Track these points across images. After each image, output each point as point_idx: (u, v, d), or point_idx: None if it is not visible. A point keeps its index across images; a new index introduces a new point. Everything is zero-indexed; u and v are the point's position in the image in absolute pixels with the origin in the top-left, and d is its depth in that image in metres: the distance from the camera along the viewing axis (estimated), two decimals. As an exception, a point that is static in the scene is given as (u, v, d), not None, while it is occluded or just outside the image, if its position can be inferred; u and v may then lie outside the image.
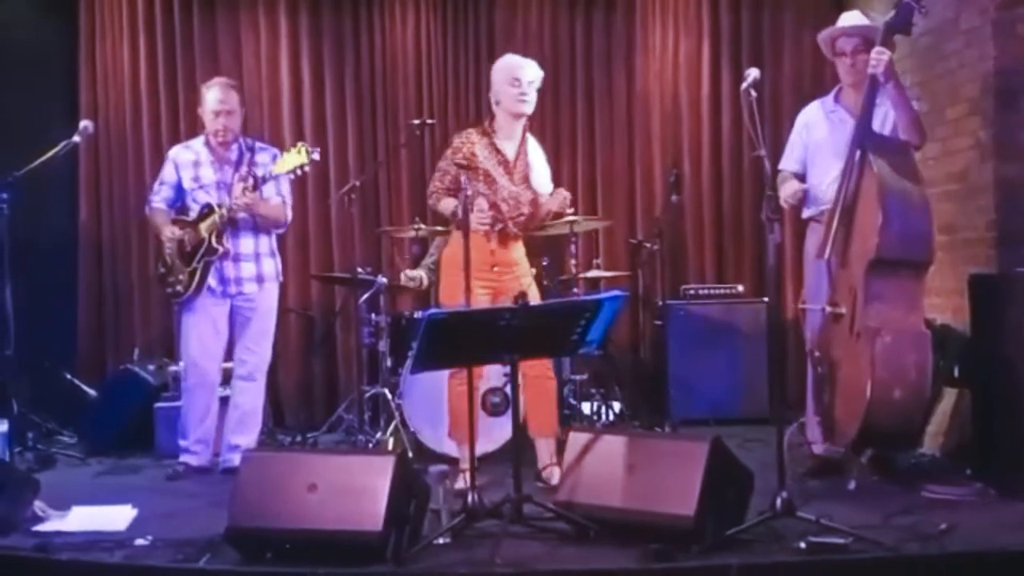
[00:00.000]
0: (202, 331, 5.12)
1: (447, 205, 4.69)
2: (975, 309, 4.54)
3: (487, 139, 4.69)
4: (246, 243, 5.11)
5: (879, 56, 4.26)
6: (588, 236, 6.46)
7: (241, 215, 5.02)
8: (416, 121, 5.82)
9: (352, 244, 6.06)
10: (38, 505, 4.11)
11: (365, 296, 5.81)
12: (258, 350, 5.20)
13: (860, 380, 4.09)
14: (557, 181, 6.76)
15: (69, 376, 6.23)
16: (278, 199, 5.17)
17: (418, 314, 5.73)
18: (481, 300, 4.50)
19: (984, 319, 4.47)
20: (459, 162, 4.60)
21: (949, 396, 4.83)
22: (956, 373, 4.85)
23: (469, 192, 4.45)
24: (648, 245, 6.06)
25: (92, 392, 6.14)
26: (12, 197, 5.19)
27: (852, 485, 4.30)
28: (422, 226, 5.79)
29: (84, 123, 5.42)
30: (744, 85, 3.94)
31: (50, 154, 5.23)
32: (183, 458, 5.13)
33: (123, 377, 5.98)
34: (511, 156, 4.71)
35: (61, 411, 6.10)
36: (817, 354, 4.45)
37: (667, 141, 6.73)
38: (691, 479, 3.48)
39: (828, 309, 4.38)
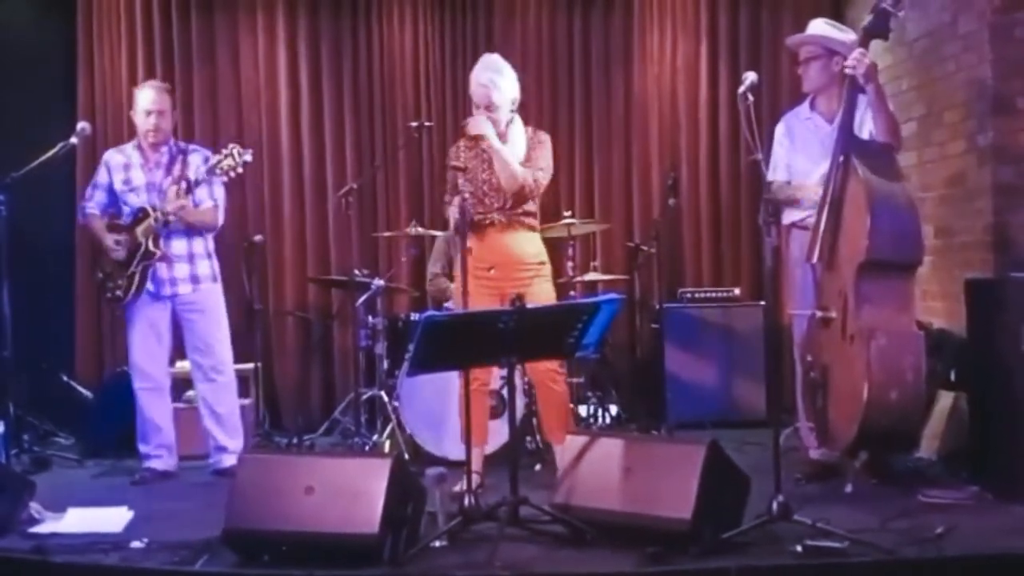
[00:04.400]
0: (144, 335, 5.14)
1: (450, 213, 4.72)
2: (971, 313, 4.55)
3: (472, 141, 4.71)
4: (178, 245, 5.12)
5: (859, 58, 4.26)
6: (585, 239, 6.46)
7: (172, 219, 5.03)
8: (414, 124, 5.80)
9: (349, 247, 6.06)
10: (34, 507, 4.11)
11: (362, 299, 5.81)
12: (208, 350, 5.18)
13: (855, 383, 4.09)
14: (555, 183, 6.80)
15: (66, 378, 6.23)
16: (210, 203, 5.18)
17: (415, 316, 5.73)
18: (485, 302, 4.48)
19: (980, 323, 4.47)
20: (453, 165, 4.67)
21: (945, 400, 4.83)
22: (952, 377, 4.86)
23: (467, 195, 4.47)
24: (645, 248, 6.07)
25: (89, 394, 6.13)
26: (10, 199, 5.19)
27: (849, 489, 4.30)
28: (419, 228, 5.79)
29: (82, 125, 5.42)
30: (741, 89, 3.94)
31: (48, 155, 5.23)
32: (147, 464, 5.14)
33: (120, 379, 5.95)
34: (489, 151, 4.70)
35: (57, 413, 6.10)
36: (809, 358, 4.45)
37: (665, 144, 6.73)
38: (688, 482, 3.48)
39: (818, 314, 4.38)
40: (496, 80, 4.64)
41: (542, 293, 4.66)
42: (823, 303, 4.37)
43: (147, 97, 5.15)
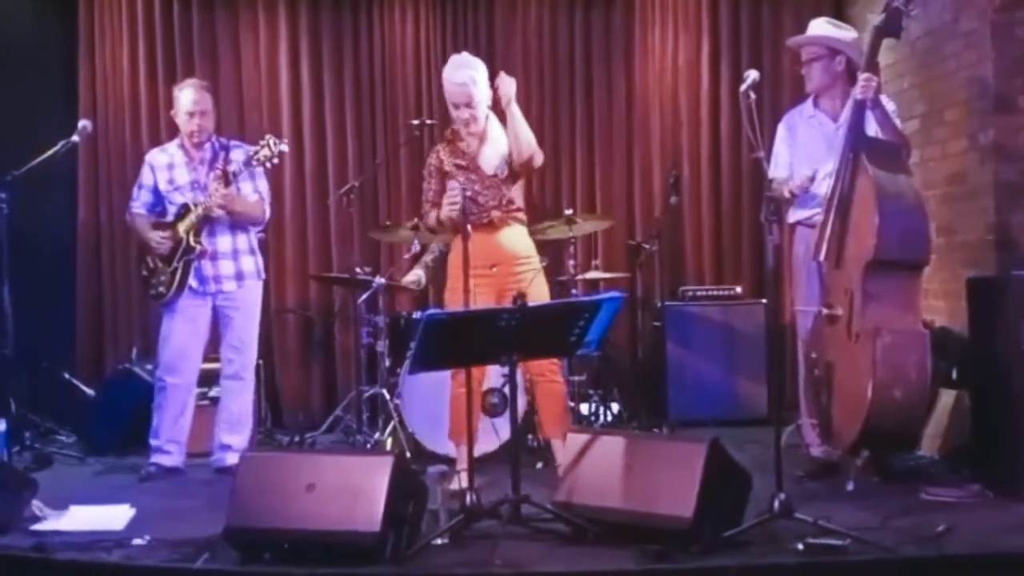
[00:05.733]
0: (182, 332, 5.12)
1: (431, 217, 4.78)
2: (973, 311, 4.55)
3: (451, 145, 4.76)
4: (223, 241, 5.12)
5: (867, 83, 4.26)
6: (587, 237, 6.45)
7: (217, 213, 5.02)
8: (415, 121, 5.82)
9: (351, 245, 6.06)
10: (36, 505, 4.11)
11: (364, 297, 5.81)
12: (243, 348, 5.19)
13: (860, 382, 4.09)
14: (556, 182, 6.81)
15: (67, 375, 6.22)
16: (255, 196, 5.19)
17: (417, 314, 5.73)
18: (484, 301, 4.48)
19: (982, 321, 4.47)
20: (430, 172, 4.76)
21: (947, 398, 4.83)
22: (954, 375, 4.86)
23: (468, 193, 4.46)
24: (647, 246, 6.07)
25: (90, 391, 6.13)
26: (11, 196, 5.20)
27: (850, 486, 4.29)
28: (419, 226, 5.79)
29: (83, 122, 5.43)
30: (743, 87, 3.94)
31: (49, 153, 5.24)
32: (154, 458, 5.12)
33: (121, 377, 5.97)
34: (476, 153, 4.72)
35: (59, 410, 6.09)
36: (813, 356, 4.45)
37: (666, 142, 6.73)
38: (689, 480, 3.48)
39: (824, 311, 4.38)
40: (474, 76, 4.63)
41: (541, 288, 4.69)
42: (829, 300, 4.37)
43: (189, 98, 5.13)
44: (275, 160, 5.06)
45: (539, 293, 4.61)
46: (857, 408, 4.09)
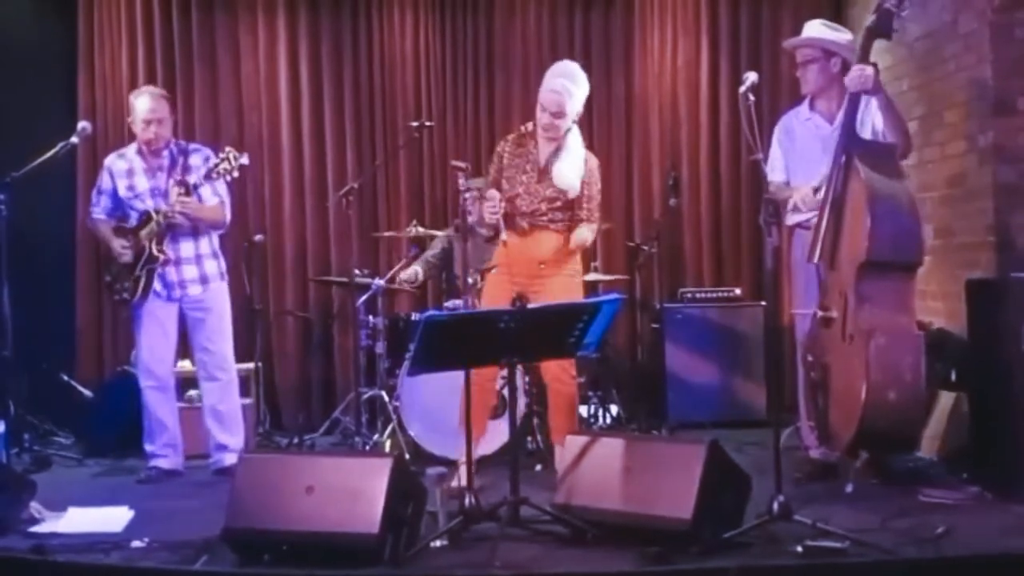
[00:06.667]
0: (151, 335, 5.14)
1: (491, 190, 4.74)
2: (972, 313, 4.55)
3: (521, 140, 4.76)
4: (186, 246, 5.13)
5: (859, 74, 4.26)
6: (586, 239, 6.45)
7: (179, 220, 5.04)
8: (415, 123, 5.82)
9: (350, 247, 6.06)
10: (34, 506, 4.11)
11: (363, 298, 5.81)
12: (214, 349, 5.19)
13: (854, 383, 4.09)
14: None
15: (66, 377, 6.22)
16: (215, 199, 5.19)
17: (416, 316, 5.73)
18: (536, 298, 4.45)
19: (981, 323, 4.47)
20: (495, 161, 4.75)
21: (946, 400, 4.83)
22: (953, 377, 4.86)
23: (475, 193, 4.46)
24: (646, 248, 6.06)
25: (89, 393, 6.13)
26: (10, 198, 5.19)
27: (849, 488, 4.29)
28: (420, 228, 5.79)
29: (82, 124, 5.43)
30: (742, 89, 3.94)
31: (48, 155, 5.23)
32: (153, 462, 5.14)
33: (120, 379, 5.97)
34: (544, 155, 4.70)
35: (58, 412, 6.10)
36: (810, 358, 4.45)
37: (665, 144, 6.73)
38: (689, 482, 3.48)
39: (819, 313, 4.38)
40: (570, 88, 4.63)
41: (578, 292, 4.73)
42: (825, 303, 4.37)
43: (144, 105, 5.13)
44: (235, 173, 5.05)
45: (568, 293, 4.62)
46: (852, 410, 4.09)
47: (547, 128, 4.65)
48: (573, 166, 4.67)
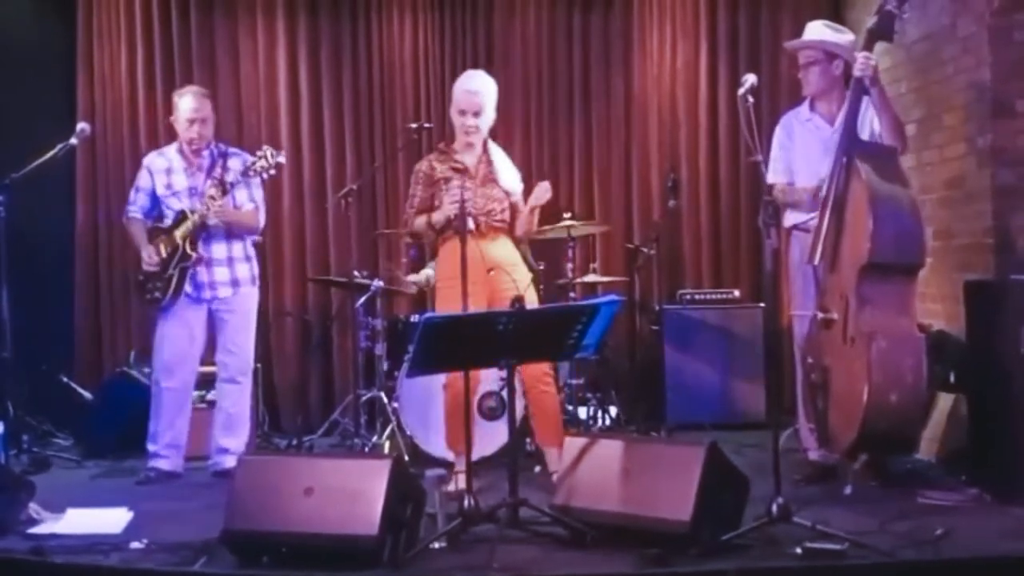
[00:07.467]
0: (177, 335, 5.14)
1: (421, 221, 4.81)
2: (971, 315, 4.55)
3: (444, 155, 4.83)
4: (219, 248, 5.14)
5: (866, 60, 4.27)
6: (585, 240, 6.45)
7: (213, 222, 5.05)
8: (414, 125, 5.81)
9: (349, 248, 6.06)
10: (33, 508, 4.11)
11: (362, 300, 5.81)
12: (238, 352, 5.20)
13: (855, 386, 4.09)
14: (554, 185, 6.79)
15: (65, 379, 6.22)
16: (251, 205, 5.21)
17: (415, 317, 5.73)
18: (477, 305, 4.49)
19: (980, 325, 4.48)
20: (418, 179, 4.82)
21: (945, 402, 4.84)
22: (952, 379, 4.86)
23: (467, 196, 4.46)
24: (645, 250, 6.07)
25: (88, 395, 6.13)
26: (9, 199, 5.20)
27: (848, 490, 4.30)
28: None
29: (81, 125, 5.44)
30: (741, 91, 3.95)
31: (47, 156, 5.24)
32: (152, 463, 5.13)
33: (119, 380, 5.96)
34: (471, 164, 4.79)
35: (57, 413, 6.10)
36: (810, 360, 4.45)
37: (664, 145, 6.73)
38: (687, 484, 3.48)
39: (819, 315, 4.38)
40: (487, 86, 4.76)
41: (532, 297, 4.74)
42: (824, 304, 4.37)
43: (188, 104, 5.15)
44: (272, 171, 5.10)
45: (531, 301, 4.62)
46: (853, 412, 4.09)
47: (469, 131, 4.74)
48: (509, 169, 4.86)
